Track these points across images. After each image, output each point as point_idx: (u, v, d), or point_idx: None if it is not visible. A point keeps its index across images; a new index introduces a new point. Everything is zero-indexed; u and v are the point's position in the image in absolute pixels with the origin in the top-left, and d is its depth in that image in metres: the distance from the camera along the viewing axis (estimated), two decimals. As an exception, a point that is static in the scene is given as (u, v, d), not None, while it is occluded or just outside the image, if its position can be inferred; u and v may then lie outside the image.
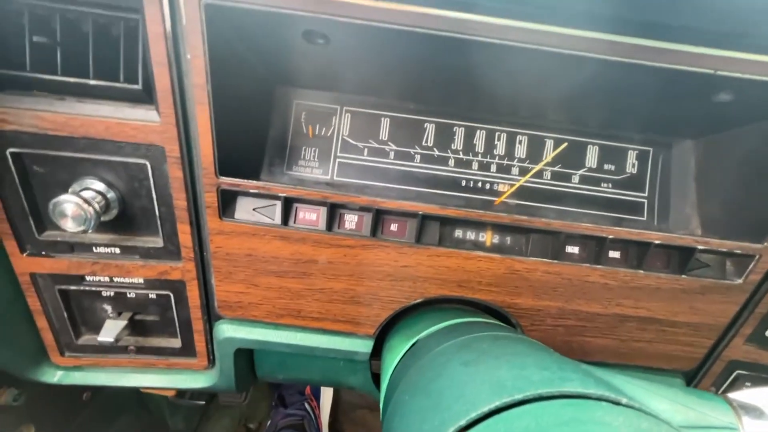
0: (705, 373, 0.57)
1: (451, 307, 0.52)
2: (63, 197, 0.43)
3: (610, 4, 0.35)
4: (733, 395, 0.28)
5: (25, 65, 0.40)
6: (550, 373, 0.23)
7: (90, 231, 0.45)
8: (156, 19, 0.38)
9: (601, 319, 0.53)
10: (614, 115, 0.55)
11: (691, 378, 0.58)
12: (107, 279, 0.52)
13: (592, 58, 0.40)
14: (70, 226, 0.44)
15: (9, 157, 0.44)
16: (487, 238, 0.51)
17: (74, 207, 0.43)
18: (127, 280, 0.52)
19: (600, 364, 0.56)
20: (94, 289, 0.53)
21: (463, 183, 0.57)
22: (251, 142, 0.52)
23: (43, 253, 0.50)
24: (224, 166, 0.46)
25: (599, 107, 0.54)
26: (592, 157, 0.58)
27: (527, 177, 0.56)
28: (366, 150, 0.56)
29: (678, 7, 0.36)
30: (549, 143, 0.58)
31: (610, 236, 0.48)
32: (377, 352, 0.56)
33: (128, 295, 0.54)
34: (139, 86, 0.41)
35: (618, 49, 0.39)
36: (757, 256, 0.48)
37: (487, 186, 0.58)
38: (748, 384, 0.58)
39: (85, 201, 0.43)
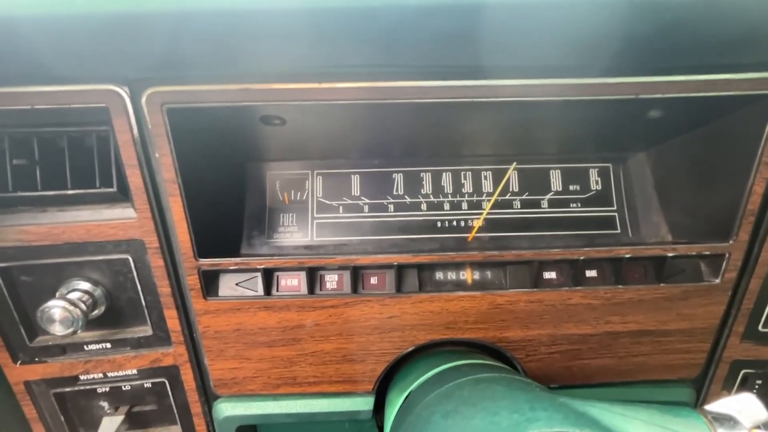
0: (712, 378, 0.56)
1: (443, 350, 0.52)
2: (49, 303, 0.44)
3: (532, 57, 0.39)
4: (709, 407, 0.28)
5: (8, 186, 0.43)
6: (519, 415, 0.24)
7: (79, 331, 0.46)
8: (124, 128, 0.42)
9: (593, 340, 0.53)
10: (568, 140, 0.58)
11: (700, 385, 0.57)
12: (101, 375, 0.52)
13: (533, 101, 0.43)
14: (58, 329, 0.45)
15: (-3, 272, 0.46)
16: (468, 275, 0.52)
17: (61, 311, 0.44)
18: (120, 373, 0.52)
19: (604, 385, 0.56)
20: (88, 387, 0.53)
21: (438, 224, 0.59)
22: (228, 220, 0.55)
23: (36, 359, 0.51)
24: (203, 248, 0.47)
25: (553, 136, 0.57)
26: (556, 180, 0.61)
27: (487, 210, 0.58)
28: (341, 207, 0.59)
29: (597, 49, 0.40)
30: (513, 175, 0.60)
31: (582, 257, 0.49)
32: (384, 407, 0.55)
33: (123, 388, 0.54)
34: (114, 188, 0.44)
35: (550, 90, 0.42)
36: (727, 255, 0.49)
37: (462, 223, 0.60)
38: (759, 382, 0.57)
39: (72, 303, 0.45)
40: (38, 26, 0.34)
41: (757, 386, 0.57)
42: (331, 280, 0.51)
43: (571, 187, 0.60)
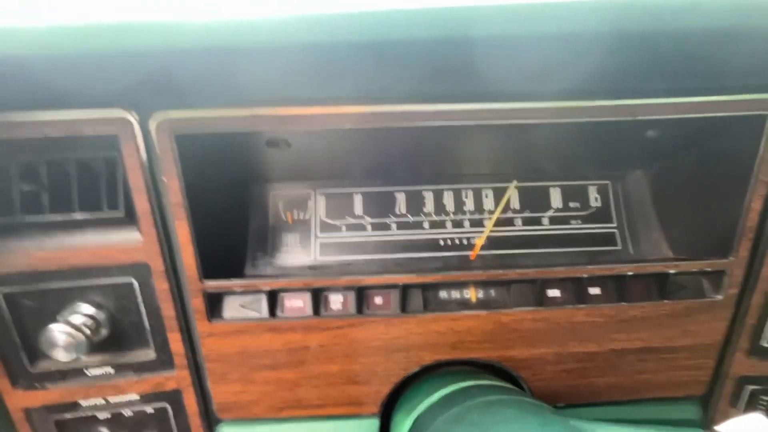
0: (719, 395, 0.56)
1: (449, 371, 0.52)
2: (52, 327, 0.44)
3: (523, 80, 0.41)
4: (718, 427, 0.28)
5: (15, 211, 0.44)
6: (532, 440, 0.24)
7: (82, 356, 0.45)
8: (132, 153, 0.42)
9: (600, 358, 0.53)
10: (567, 159, 0.60)
11: (707, 403, 0.57)
12: (102, 401, 0.51)
13: (529, 124, 0.44)
14: (61, 355, 0.44)
15: (1, 298, 0.45)
16: (472, 294, 0.52)
17: (64, 336, 0.44)
18: (122, 398, 0.52)
19: (612, 404, 0.55)
20: (89, 413, 0.52)
21: (441, 242, 0.60)
22: (233, 241, 0.55)
23: (37, 385, 0.50)
24: (208, 270, 0.48)
25: (552, 155, 0.59)
26: (556, 198, 0.61)
27: (489, 228, 0.59)
28: (344, 227, 0.59)
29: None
30: (513, 192, 0.61)
31: (585, 275, 0.50)
32: (389, 430, 0.54)
33: (125, 414, 0.53)
34: (121, 212, 0.45)
35: (550, 113, 0.43)
36: (728, 271, 0.50)
37: (464, 242, 0.60)
38: (764, 399, 0.57)
39: (75, 328, 0.44)
40: (51, 57, 0.35)
41: (764, 403, 0.57)
42: (335, 301, 0.50)
43: (571, 204, 0.61)
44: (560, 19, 0.35)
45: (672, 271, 0.50)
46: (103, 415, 0.53)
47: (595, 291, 0.51)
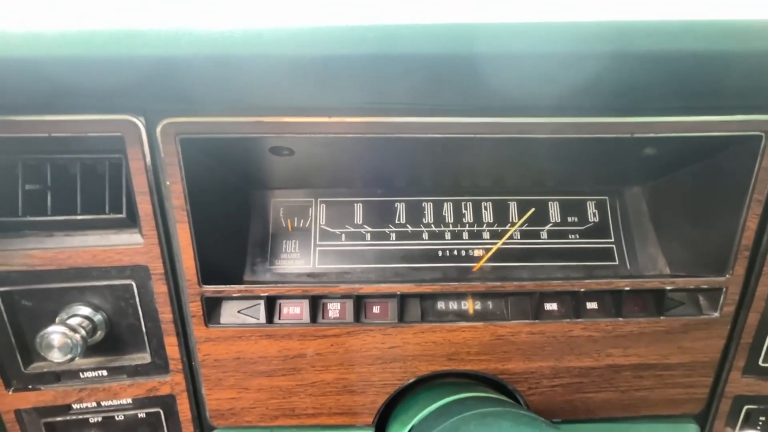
0: (715, 414, 0.56)
1: (445, 382, 0.52)
2: (49, 329, 0.44)
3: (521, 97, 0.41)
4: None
5: (17, 210, 0.44)
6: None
7: (77, 358, 0.45)
8: (137, 156, 0.43)
9: (595, 373, 0.52)
10: (566, 174, 0.60)
11: (704, 421, 0.57)
12: (94, 404, 0.51)
13: (532, 138, 0.45)
14: (57, 356, 0.44)
15: (-1, 296, 0.46)
16: (469, 305, 0.53)
17: (61, 337, 0.43)
18: (115, 402, 0.51)
19: (608, 420, 0.55)
20: (81, 417, 0.52)
21: (439, 253, 0.60)
22: (233, 247, 0.55)
23: (30, 386, 0.49)
24: (207, 275, 0.48)
25: (552, 169, 0.59)
26: (554, 212, 0.62)
27: (503, 240, 0.59)
28: (343, 235, 0.60)
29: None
30: (512, 205, 0.62)
31: (582, 289, 0.50)
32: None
33: (116, 418, 0.53)
34: (123, 215, 0.45)
35: (550, 128, 0.44)
36: (724, 289, 0.50)
37: (463, 253, 0.60)
38: (762, 419, 0.57)
39: (71, 329, 0.44)
40: (62, 61, 0.36)
41: (760, 423, 0.57)
42: (333, 309, 0.51)
43: (569, 219, 0.62)
44: (562, 38, 0.36)
45: (669, 288, 0.50)
46: (94, 419, 0.52)
47: (592, 305, 0.51)
